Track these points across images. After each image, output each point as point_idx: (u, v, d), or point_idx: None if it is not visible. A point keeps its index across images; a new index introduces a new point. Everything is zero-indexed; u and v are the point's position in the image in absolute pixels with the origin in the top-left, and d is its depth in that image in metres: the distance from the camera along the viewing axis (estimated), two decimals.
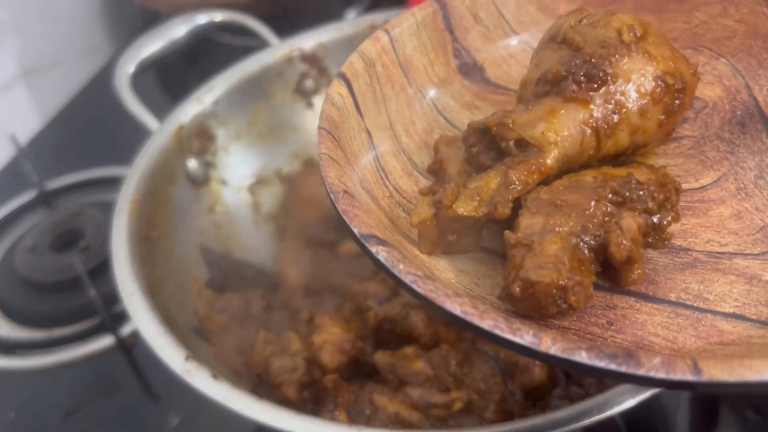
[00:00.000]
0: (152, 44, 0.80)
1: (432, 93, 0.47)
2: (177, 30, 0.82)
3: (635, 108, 0.37)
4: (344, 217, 0.34)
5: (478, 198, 0.35)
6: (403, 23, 0.46)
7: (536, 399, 0.56)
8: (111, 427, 0.73)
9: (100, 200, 0.93)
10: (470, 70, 0.48)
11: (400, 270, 0.32)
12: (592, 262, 0.33)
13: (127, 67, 0.78)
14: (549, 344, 0.28)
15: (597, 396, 0.47)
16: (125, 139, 0.75)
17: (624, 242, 0.33)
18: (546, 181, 0.36)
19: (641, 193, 0.35)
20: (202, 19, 0.84)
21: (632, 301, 0.34)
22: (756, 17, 0.44)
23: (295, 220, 0.77)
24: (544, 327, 0.33)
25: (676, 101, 0.38)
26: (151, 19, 0.96)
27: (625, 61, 0.37)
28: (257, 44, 0.82)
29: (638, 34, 0.38)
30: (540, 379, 0.55)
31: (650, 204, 0.35)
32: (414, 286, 0.31)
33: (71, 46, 1.20)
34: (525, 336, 0.29)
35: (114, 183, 0.94)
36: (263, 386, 0.59)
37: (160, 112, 0.75)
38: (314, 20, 0.82)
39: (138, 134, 0.74)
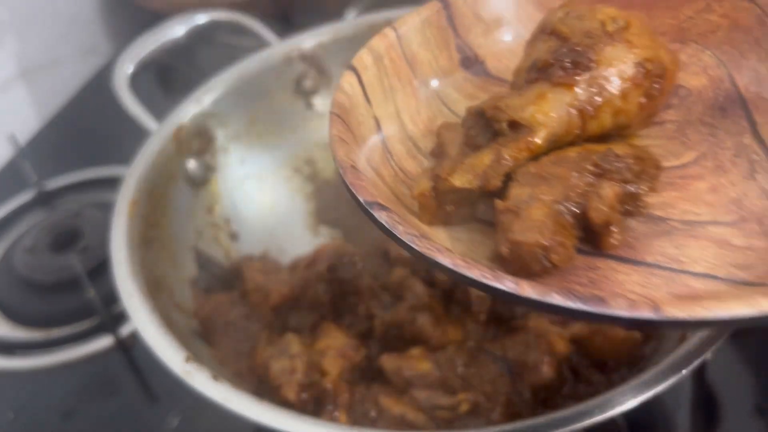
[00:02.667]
0: (151, 44, 0.80)
1: (436, 85, 0.50)
2: (176, 30, 0.82)
3: (617, 91, 0.40)
4: (351, 188, 0.38)
5: (472, 172, 0.38)
6: (409, 21, 0.50)
7: (545, 398, 0.56)
8: (110, 428, 0.73)
9: (99, 200, 0.93)
10: (472, 63, 0.51)
11: (400, 231, 0.35)
12: (575, 228, 0.36)
13: (125, 67, 0.78)
14: (528, 289, 0.32)
15: (598, 396, 0.47)
16: (124, 139, 0.75)
17: (602, 207, 0.36)
18: (535, 158, 0.39)
19: (619, 165, 0.38)
20: (201, 18, 0.84)
21: (612, 264, 0.37)
22: (737, 12, 0.47)
23: None
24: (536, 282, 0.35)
25: (655, 85, 0.41)
26: (150, 19, 0.95)
27: (608, 49, 0.41)
28: (256, 44, 0.82)
29: (621, 25, 0.41)
30: (548, 377, 0.55)
31: (627, 175, 0.38)
32: (412, 244, 0.34)
33: (70, 45, 1.20)
34: (506, 282, 0.32)
35: (113, 183, 0.94)
36: (264, 388, 0.59)
37: (159, 113, 0.75)
38: (314, 20, 0.82)
39: (137, 134, 0.73)
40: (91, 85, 1.21)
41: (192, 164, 0.74)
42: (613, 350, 0.58)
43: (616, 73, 0.40)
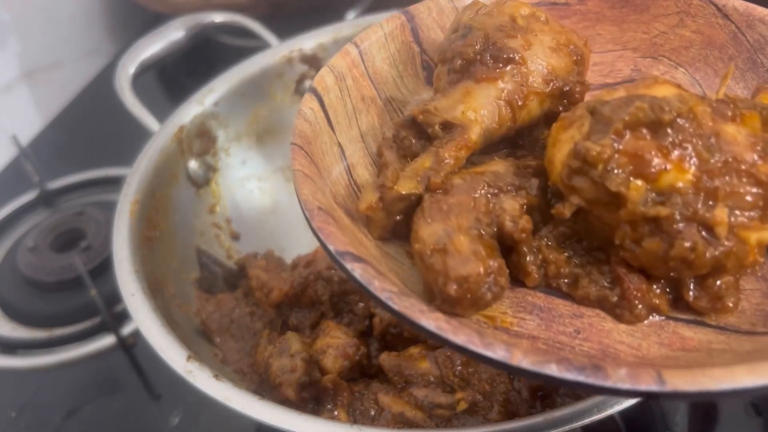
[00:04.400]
0: (153, 45, 0.81)
1: (401, 105, 0.47)
2: (178, 31, 0.82)
3: (540, 78, 0.40)
4: (319, 234, 0.36)
5: (415, 177, 0.37)
6: (372, 36, 0.47)
7: (542, 397, 0.56)
8: (112, 427, 0.73)
9: (101, 200, 0.93)
10: None
11: (376, 287, 0.32)
12: (496, 247, 0.35)
13: (128, 68, 0.78)
14: (520, 358, 0.29)
15: (596, 395, 0.47)
16: (126, 139, 0.75)
17: (513, 221, 0.35)
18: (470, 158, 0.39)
19: (509, 179, 0.37)
20: (203, 20, 0.84)
21: (599, 310, 0.35)
22: (711, 28, 0.45)
23: None
24: (515, 338, 0.33)
25: (577, 67, 0.41)
26: (152, 21, 0.96)
27: (524, 39, 0.40)
28: (257, 45, 0.83)
29: (529, 16, 0.42)
30: None
31: (512, 187, 0.37)
32: (389, 303, 0.31)
33: (72, 47, 1.20)
34: (498, 350, 0.29)
35: (115, 183, 0.95)
36: (265, 386, 0.59)
37: (161, 113, 0.75)
38: (314, 21, 0.83)
39: (139, 135, 0.74)
40: (93, 86, 1.21)
41: (193, 165, 0.75)
42: None
43: (536, 61, 0.40)
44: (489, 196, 0.36)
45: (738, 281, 0.34)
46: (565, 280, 0.35)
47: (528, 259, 0.35)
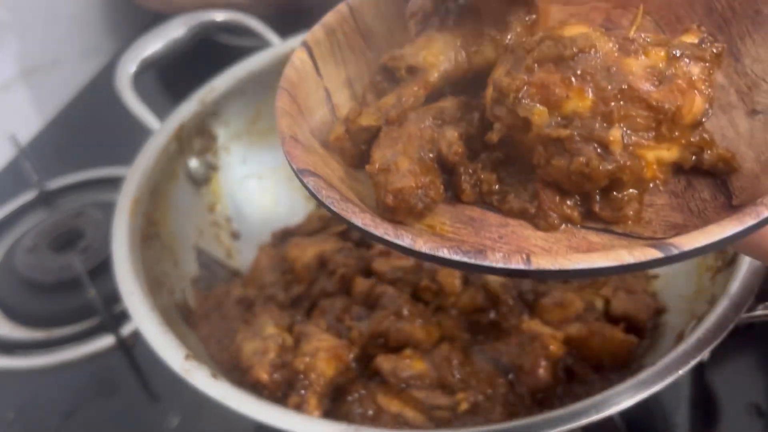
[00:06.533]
0: (153, 44, 0.80)
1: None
2: (178, 30, 0.82)
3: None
4: (287, 157, 0.41)
5: (377, 113, 0.43)
6: None
7: (542, 398, 0.56)
8: (111, 428, 0.73)
9: (100, 200, 0.93)
10: None
11: (323, 195, 0.38)
12: (437, 170, 0.40)
13: (128, 66, 0.78)
14: (421, 244, 0.35)
15: (596, 395, 0.47)
16: (126, 139, 0.75)
17: (448, 146, 0.40)
18: (431, 95, 0.44)
19: (452, 113, 0.42)
20: (204, 18, 0.84)
21: (522, 220, 0.40)
22: None
23: None
24: (445, 240, 0.38)
25: (528, 17, 0.45)
26: (152, 19, 0.96)
27: None
28: (258, 44, 0.82)
29: None
30: (545, 380, 0.55)
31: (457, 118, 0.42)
32: (330, 205, 0.38)
33: (72, 46, 1.20)
34: (405, 239, 0.35)
35: (114, 183, 0.95)
36: (235, 373, 0.59)
37: (161, 112, 0.75)
38: (315, 20, 0.82)
39: (139, 134, 0.74)
40: (93, 85, 1.21)
41: (193, 163, 0.75)
42: (610, 352, 0.58)
43: (488, 6, 0.44)
44: (434, 126, 0.41)
45: (642, 195, 0.39)
46: (496, 197, 0.41)
47: (463, 178, 0.41)
